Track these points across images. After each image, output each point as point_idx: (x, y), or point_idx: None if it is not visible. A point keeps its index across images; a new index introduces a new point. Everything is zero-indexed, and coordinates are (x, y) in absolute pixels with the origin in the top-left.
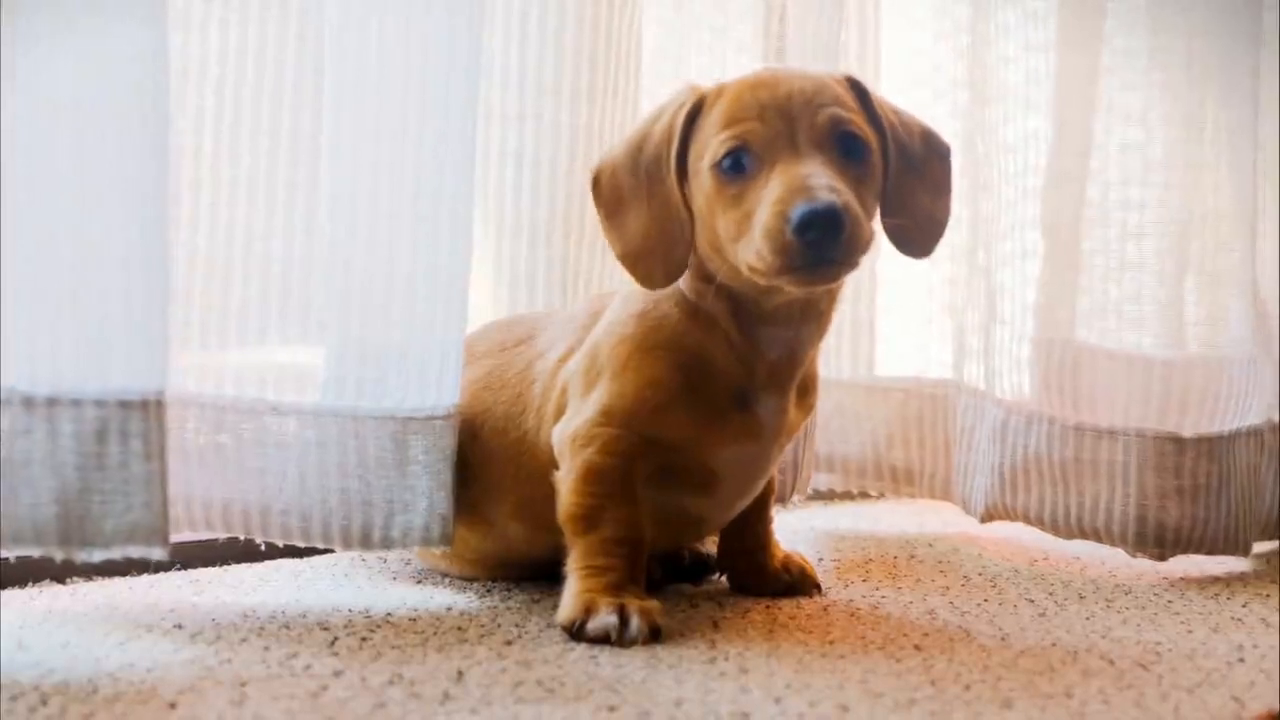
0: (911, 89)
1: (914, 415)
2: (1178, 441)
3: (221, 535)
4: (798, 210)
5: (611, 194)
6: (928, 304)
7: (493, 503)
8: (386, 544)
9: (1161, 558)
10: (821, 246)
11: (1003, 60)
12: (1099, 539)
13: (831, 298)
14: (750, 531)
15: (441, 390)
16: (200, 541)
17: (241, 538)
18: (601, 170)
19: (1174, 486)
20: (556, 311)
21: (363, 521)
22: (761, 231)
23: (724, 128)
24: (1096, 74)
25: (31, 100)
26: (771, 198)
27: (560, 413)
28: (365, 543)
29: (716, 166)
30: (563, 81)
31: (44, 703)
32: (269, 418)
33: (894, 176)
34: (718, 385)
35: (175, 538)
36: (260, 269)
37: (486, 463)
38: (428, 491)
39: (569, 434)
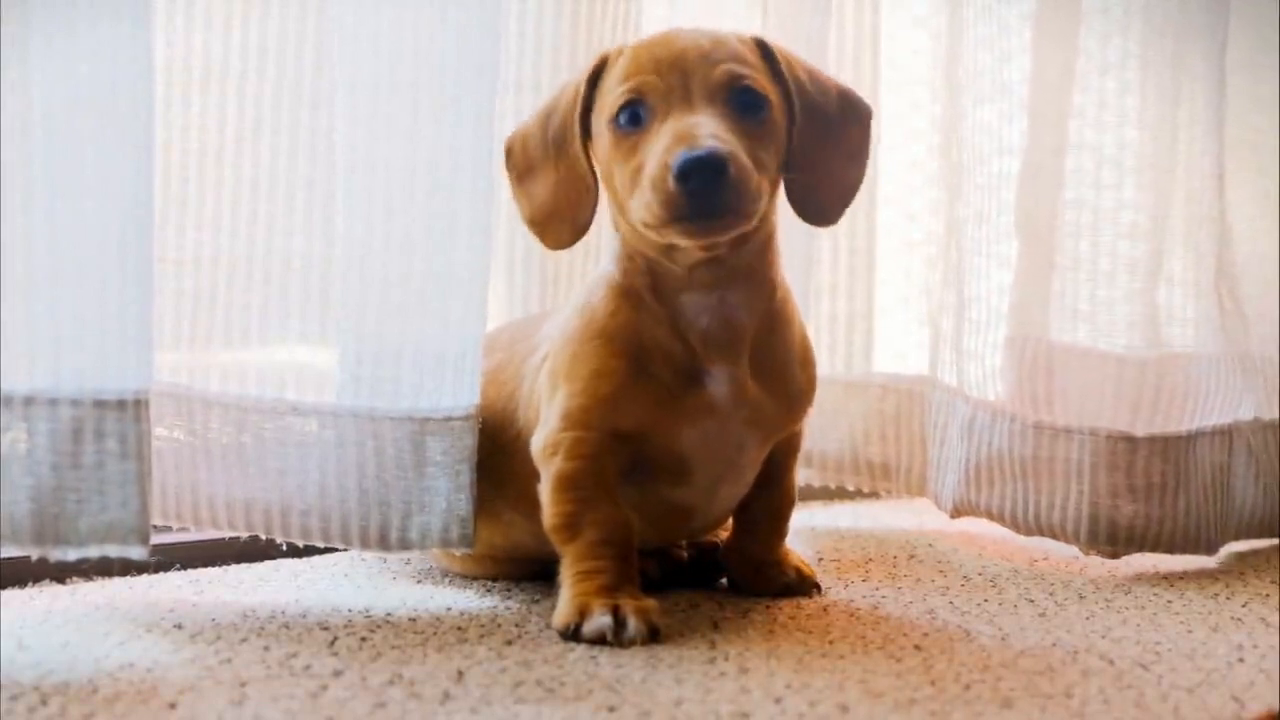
0: (907, 87)
1: (891, 411)
2: (1130, 440)
3: (244, 534)
4: (678, 158)
5: (523, 162)
6: (922, 303)
7: (497, 494)
8: (405, 545)
9: (1114, 555)
10: (703, 195)
11: (982, 66)
12: (1055, 536)
13: (758, 258)
14: (762, 532)
15: (459, 390)
16: (200, 541)
17: (244, 536)
18: (514, 140)
19: (1126, 485)
20: (559, 308)
21: (380, 522)
22: (648, 182)
23: (621, 83)
24: (1071, 75)
25: (9, 98)
26: (658, 148)
27: (539, 416)
28: (383, 544)
29: (613, 121)
30: (541, 78)
31: (44, 703)
32: (290, 418)
33: (800, 136)
34: (660, 363)
35: (179, 538)
36: (281, 267)
37: (492, 454)
38: (446, 493)
39: (539, 444)
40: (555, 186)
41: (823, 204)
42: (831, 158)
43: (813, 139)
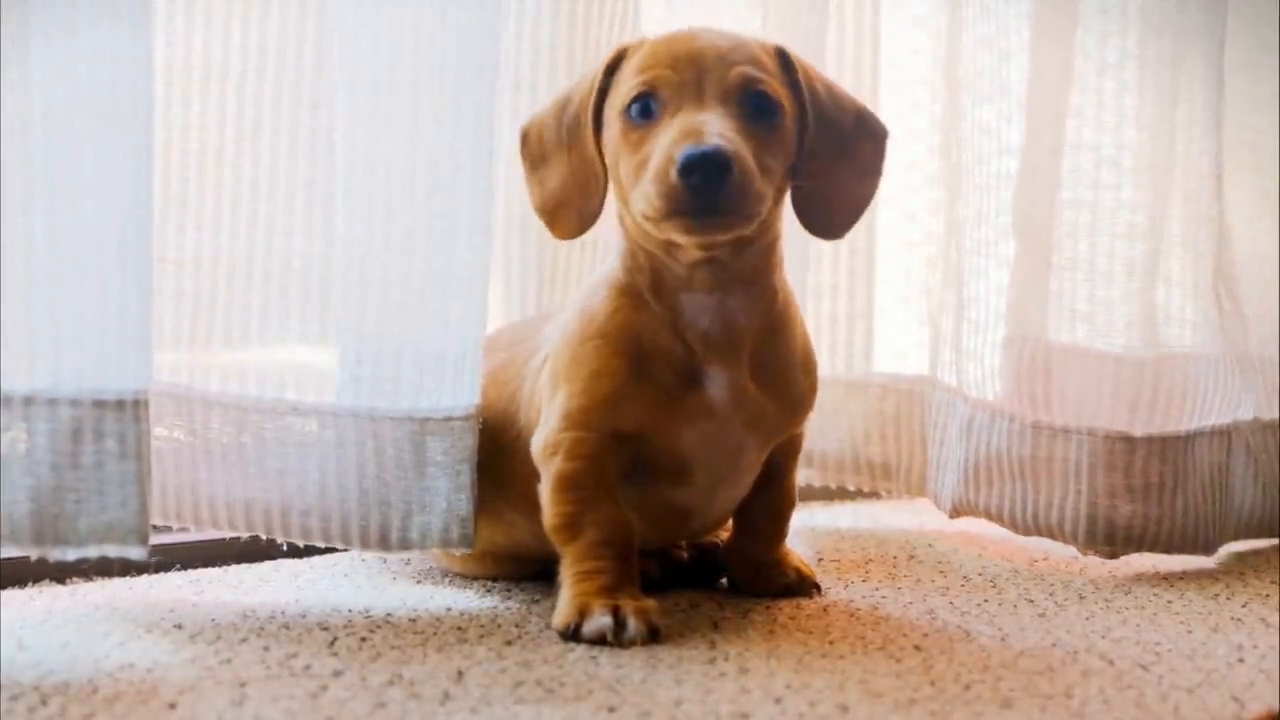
0: (907, 87)
1: (891, 411)
2: (1128, 440)
3: (244, 534)
4: (683, 152)
5: (538, 149)
6: (922, 303)
7: (499, 493)
8: (405, 545)
9: (1112, 555)
10: (705, 192)
11: (981, 65)
12: (1053, 536)
13: (760, 263)
14: (763, 533)
15: (459, 390)
16: (200, 541)
17: (245, 536)
18: (530, 126)
19: (1124, 485)
20: (562, 309)
21: (381, 522)
22: (651, 174)
23: (636, 74)
24: (1070, 75)
25: (9, 98)
26: (665, 141)
27: (540, 416)
28: (384, 544)
29: (625, 112)
30: (539, 79)
31: (44, 703)
32: (290, 418)
33: (812, 146)
34: (660, 364)
35: (179, 538)
36: (281, 267)
37: (494, 454)
38: (446, 493)
39: (539, 445)
40: (566, 175)
41: (829, 217)
42: (842, 172)
43: (824, 152)
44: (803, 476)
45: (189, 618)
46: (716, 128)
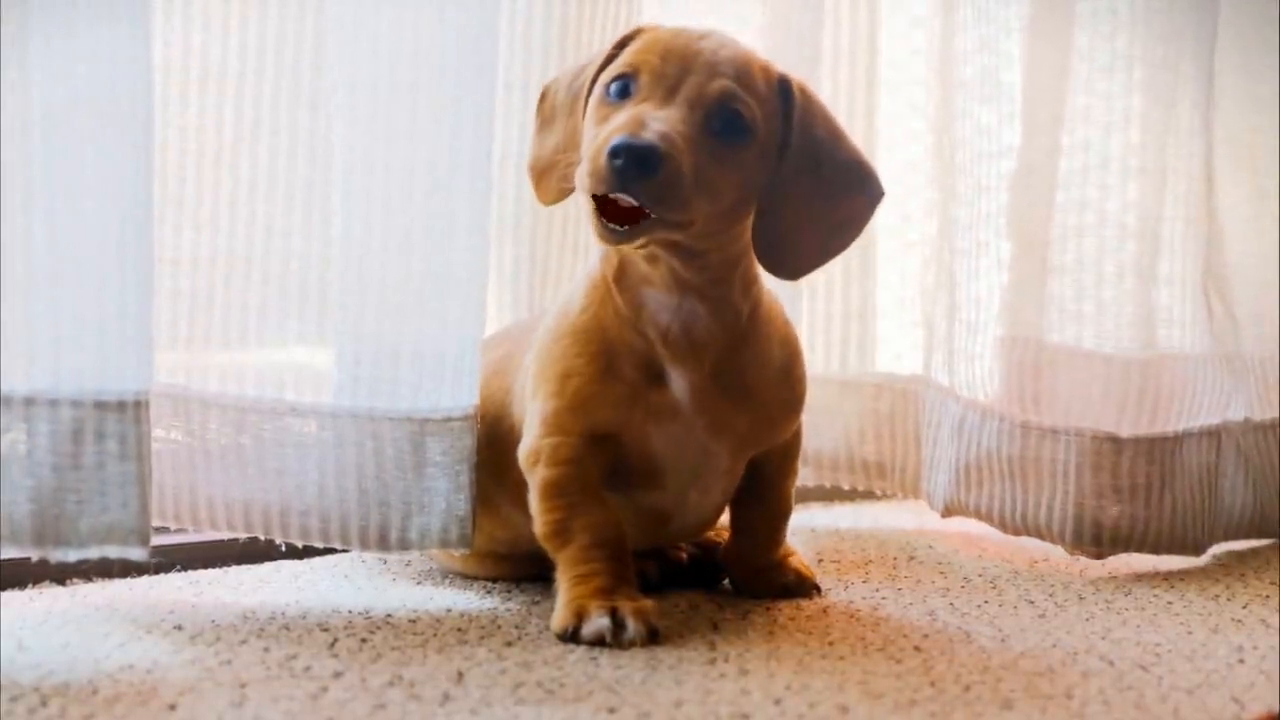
0: (905, 87)
1: (886, 410)
2: (1115, 441)
3: (243, 535)
4: (618, 138)
5: (550, 109)
6: (918, 304)
7: (497, 485)
8: (404, 545)
9: (1099, 556)
10: (627, 181)
11: (977, 67)
12: (1041, 536)
13: (718, 278)
14: (760, 537)
15: (458, 391)
16: (200, 542)
17: (244, 537)
18: (549, 86)
19: (1111, 485)
20: None
21: (380, 523)
22: (590, 151)
23: (629, 55)
24: (1066, 76)
25: (9, 98)
26: (616, 122)
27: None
28: (383, 544)
29: (605, 86)
30: (530, 80)
31: (44, 704)
32: (289, 418)
33: (787, 182)
34: (625, 360)
35: (179, 539)
36: (279, 268)
37: (493, 446)
38: (445, 493)
39: (523, 453)
40: (559, 140)
41: (787, 255)
42: (814, 217)
43: (799, 189)
44: (799, 475)
45: (189, 619)
46: (662, 126)
